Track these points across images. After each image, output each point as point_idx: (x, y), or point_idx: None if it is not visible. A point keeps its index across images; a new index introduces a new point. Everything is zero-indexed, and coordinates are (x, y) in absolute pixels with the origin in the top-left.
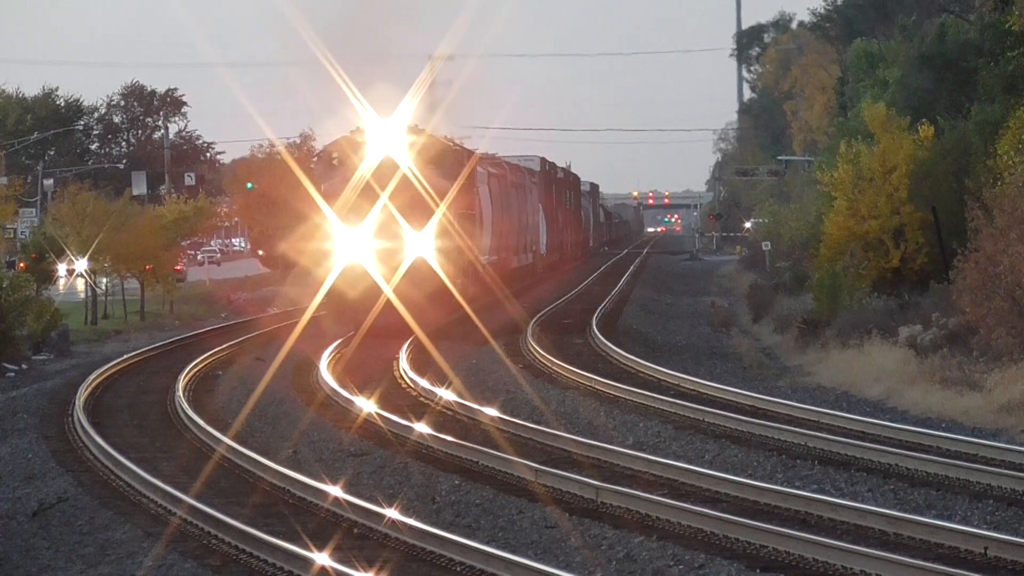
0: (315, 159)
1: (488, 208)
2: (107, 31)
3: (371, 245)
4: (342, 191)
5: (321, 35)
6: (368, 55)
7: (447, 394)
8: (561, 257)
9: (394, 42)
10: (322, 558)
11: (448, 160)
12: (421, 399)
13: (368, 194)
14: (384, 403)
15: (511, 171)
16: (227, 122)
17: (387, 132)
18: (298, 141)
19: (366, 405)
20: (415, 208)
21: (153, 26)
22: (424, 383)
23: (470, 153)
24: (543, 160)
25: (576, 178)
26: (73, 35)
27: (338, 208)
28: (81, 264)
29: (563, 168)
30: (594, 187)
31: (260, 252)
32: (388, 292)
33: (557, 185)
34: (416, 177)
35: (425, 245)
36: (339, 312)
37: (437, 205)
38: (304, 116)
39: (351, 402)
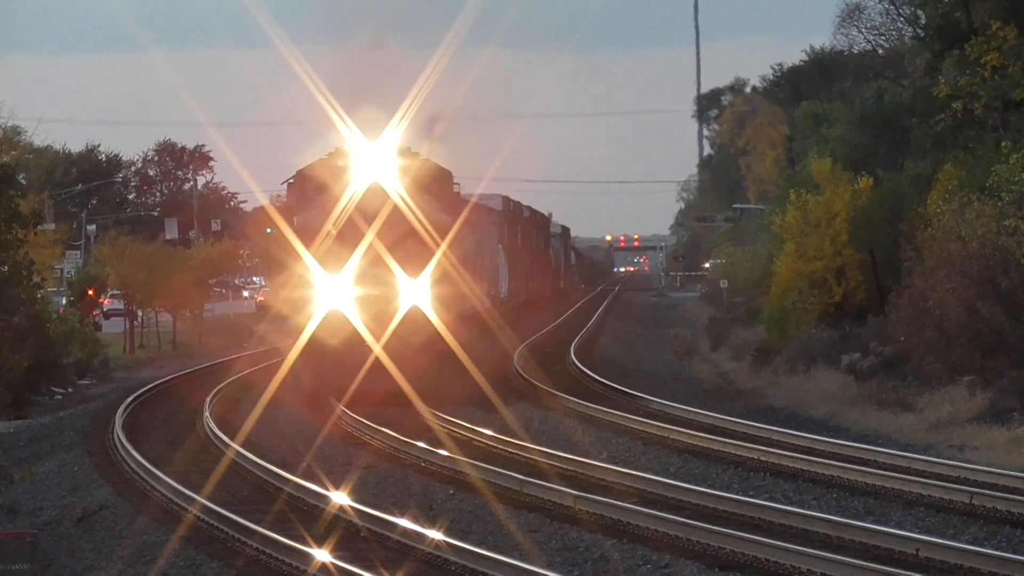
0: (286, 184)
1: None
2: (144, 93)
3: (353, 292)
4: (319, 226)
5: (326, 87)
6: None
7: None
8: (527, 299)
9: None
10: (323, 555)
11: (447, 191)
12: None
13: (351, 230)
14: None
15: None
16: (249, 173)
17: (373, 154)
18: None
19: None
20: (408, 248)
21: (184, 88)
22: None
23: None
24: (505, 199)
25: (544, 218)
26: (114, 98)
27: (314, 247)
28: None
29: (529, 207)
30: (565, 229)
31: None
32: (377, 349)
33: (523, 225)
34: (410, 210)
35: (421, 293)
36: (316, 373)
37: (437, 244)
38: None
39: None
